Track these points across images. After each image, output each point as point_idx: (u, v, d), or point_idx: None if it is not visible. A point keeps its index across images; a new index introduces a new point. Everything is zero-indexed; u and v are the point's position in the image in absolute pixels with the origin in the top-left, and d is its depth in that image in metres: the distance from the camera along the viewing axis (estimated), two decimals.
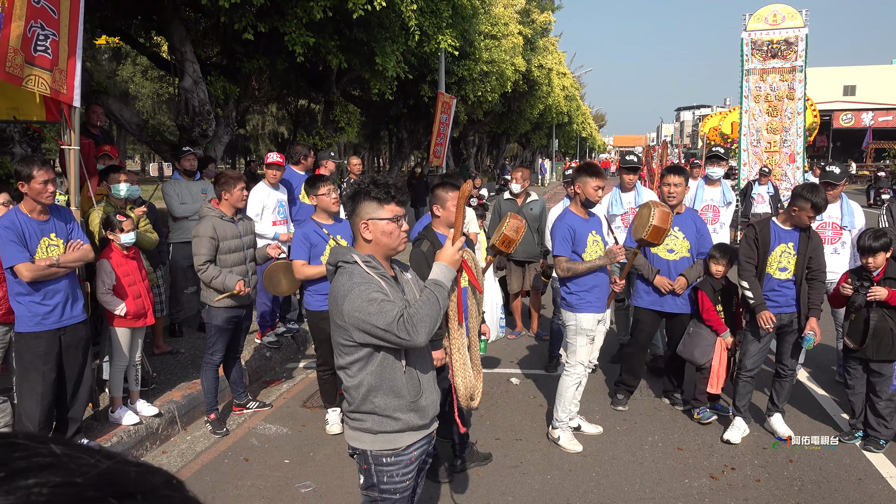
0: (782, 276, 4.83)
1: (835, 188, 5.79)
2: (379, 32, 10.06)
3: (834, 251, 5.80)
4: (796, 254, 4.79)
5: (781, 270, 4.82)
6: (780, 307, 4.85)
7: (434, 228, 4.23)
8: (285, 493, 4.18)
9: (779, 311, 4.85)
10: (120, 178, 5.50)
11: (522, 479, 4.37)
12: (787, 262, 4.82)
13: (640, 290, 5.43)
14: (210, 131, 9.18)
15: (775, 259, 4.82)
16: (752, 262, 4.87)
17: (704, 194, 6.82)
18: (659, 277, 5.28)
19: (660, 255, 5.31)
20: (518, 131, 29.12)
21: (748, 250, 4.89)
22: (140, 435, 4.77)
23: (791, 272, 4.81)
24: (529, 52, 20.42)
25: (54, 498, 0.34)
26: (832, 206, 5.84)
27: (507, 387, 6.10)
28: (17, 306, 4.06)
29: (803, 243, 4.78)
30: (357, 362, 2.53)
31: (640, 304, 5.45)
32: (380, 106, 16.54)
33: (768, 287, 4.84)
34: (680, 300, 5.33)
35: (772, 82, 11.95)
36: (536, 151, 46.67)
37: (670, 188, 5.26)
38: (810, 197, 4.62)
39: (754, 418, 5.14)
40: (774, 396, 5.05)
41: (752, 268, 4.86)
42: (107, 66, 24.00)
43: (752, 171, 11.92)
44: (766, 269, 4.83)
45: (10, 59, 3.96)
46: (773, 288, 4.84)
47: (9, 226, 3.95)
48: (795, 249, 4.80)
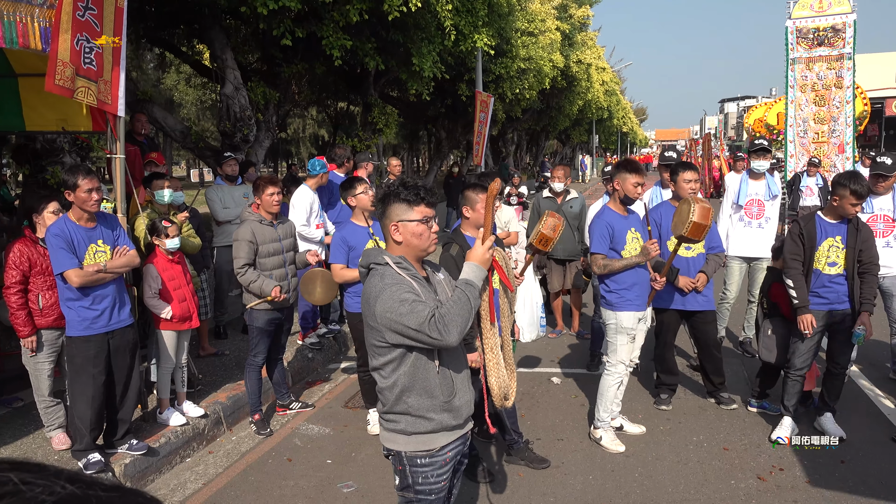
0: (832, 272, 4.67)
1: (886, 180, 5.60)
2: (415, 33, 10.09)
3: (886, 244, 5.59)
4: (845, 247, 4.64)
5: (831, 265, 4.67)
6: (831, 304, 4.70)
7: (463, 231, 4.23)
8: (328, 493, 4.23)
9: (830, 308, 4.70)
10: (163, 184, 5.63)
11: (564, 479, 4.33)
12: (835, 257, 4.66)
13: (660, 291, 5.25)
14: (251, 136, 9.34)
15: (823, 254, 4.68)
16: (798, 260, 4.72)
17: (748, 188, 6.65)
18: (682, 278, 5.18)
19: (679, 254, 5.19)
20: (557, 128, 28.90)
21: (794, 247, 4.75)
22: (187, 435, 4.88)
23: (841, 266, 4.66)
24: (567, 48, 20.23)
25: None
26: (884, 197, 5.66)
27: (548, 386, 6.06)
28: (67, 311, 4.20)
29: (851, 236, 4.63)
30: (390, 363, 2.54)
31: (661, 305, 5.31)
32: (418, 106, 16.60)
33: (818, 283, 4.69)
34: (701, 297, 5.24)
35: (818, 71, 11.59)
36: (576, 148, 46.24)
37: (690, 184, 5.16)
38: (848, 184, 4.49)
39: (804, 417, 5.00)
40: (826, 395, 4.90)
41: (799, 265, 4.72)
42: (152, 74, 24.61)
43: (800, 163, 11.60)
44: (815, 265, 4.69)
45: (60, 72, 4.08)
46: (823, 284, 4.69)
47: (58, 233, 4.08)
48: (844, 243, 4.65)
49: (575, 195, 7.51)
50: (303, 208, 6.49)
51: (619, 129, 50.20)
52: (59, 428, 4.58)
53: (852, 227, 4.65)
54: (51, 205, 4.59)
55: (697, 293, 5.23)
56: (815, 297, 4.71)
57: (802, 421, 4.96)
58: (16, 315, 4.35)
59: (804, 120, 11.81)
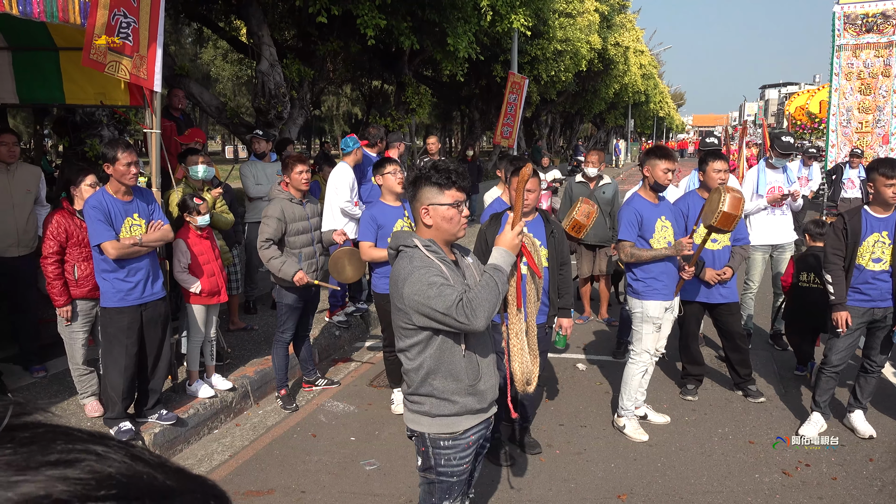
0: (876, 268, 4.53)
1: None
2: (451, 13, 10.02)
3: None
4: (892, 242, 4.51)
5: (875, 261, 4.53)
6: (873, 301, 4.57)
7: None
8: (350, 470, 4.29)
9: (871, 305, 4.58)
10: (197, 160, 5.69)
11: (585, 466, 4.33)
12: (881, 252, 4.52)
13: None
14: (285, 113, 9.39)
15: (867, 249, 4.53)
16: (839, 255, 4.59)
17: (766, 177, 6.51)
18: (708, 270, 5.11)
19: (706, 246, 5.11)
20: (592, 111, 28.56)
21: (835, 241, 4.62)
22: (215, 408, 4.98)
23: (886, 263, 4.52)
24: (605, 30, 19.93)
25: (72, 491, 0.36)
26: None
27: (573, 372, 6.04)
28: (102, 282, 4.29)
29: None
30: (417, 345, 2.56)
31: (685, 297, 5.20)
32: (451, 87, 16.53)
33: (861, 279, 4.55)
34: (724, 290, 5.18)
35: (865, 58, 11.24)
36: (611, 132, 45.65)
37: (720, 174, 5.06)
38: (878, 166, 4.39)
39: (833, 413, 4.92)
40: (858, 392, 4.79)
41: (839, 261, 4.59)
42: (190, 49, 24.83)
43: (841, 153, 11.30)
44: (858, 261, 4.54)
45: (96, 48, 4.14)
46: (866, 280, 4.55)
47: (96, 205, 4.16)
48: (891, 238, 4.51)
49: (608, 180, 7.42)
50: (346, 186, 6.49)
51: (655, 113, 49.40)
52: (93, 395, 4.70)
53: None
54: (88, 177, 4.68)
55: (721, 285, 5.16)
56: (857, 293, 4.59)
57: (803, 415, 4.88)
58: (52, 284, 4.45)
59: (848, 109, 11.49)
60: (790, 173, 6.60)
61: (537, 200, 4.18)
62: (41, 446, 0.37)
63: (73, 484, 0.36)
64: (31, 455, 0.36)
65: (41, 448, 0.37)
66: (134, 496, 0.38)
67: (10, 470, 0.35)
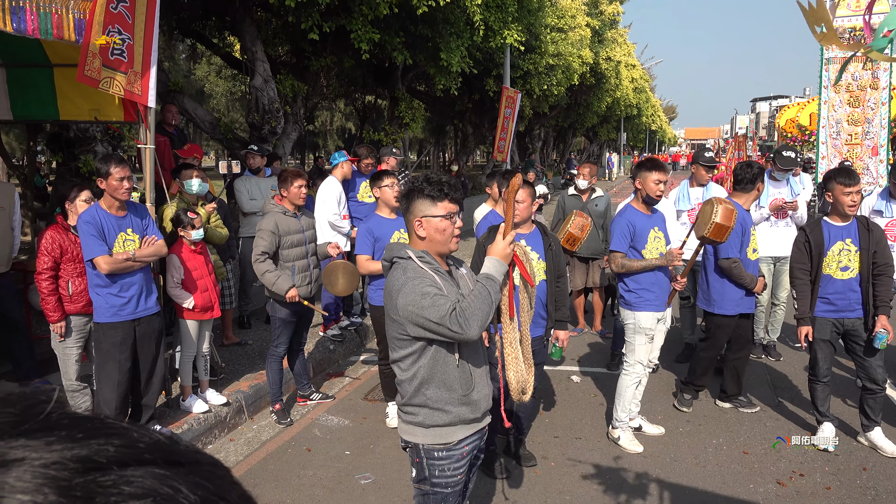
0: (845, 276, 4.55)
1: None
2: (444, 28, 10.10)
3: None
4: (858, 249, 4.53)
5: (843, 270, 4.55)
6: (840, 311, 4.58)
7: None
8: (345, 484, 4.27)
9: (839, 316, 4.58)
10: (192, 174, 5.71)
11: (581, 478, 4.33)
12: (847, 261, 4.53)
13: (724, 297, 5.10)
14: (279, 128, 9.42)
15: (833, 259, 4.55)
16: (803, 269, 4.61)
17: (769, 190, 6.58)
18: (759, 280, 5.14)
19: (749, 258, 5.12)
20: (585, 125, 28.71)
21: (799, 255, 4.64)
22: (209, 423, 4.96)
23: (854, 271, 4.53)
24: (597, 45, 20.08)
25: (118, 454, 0.41)
26: None
27: (567, 384, 6.05)
28: (95, 297, 4.29)
29: (863, 237, 4.50)
30: (410, 356, 2.57)
31: (720, 311, 5.13)
32: (445, 101, 16.60)
33: (831, 290, 4.56)
34: (752, 300, 5.20)
35: (854, 71, 11.37)
36: (604, 145, 45.89)
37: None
38: (835, 175, 4.45)
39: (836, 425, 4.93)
40: (869, 412, 4.66)
41: (804, 275, 4.61)
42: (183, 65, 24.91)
43: (831, 165, 11.38)
44: (825, 271, 4.56)
45: (90, 63, 4.17)
46: (835, 290, 4.56)
47: (90, 220, 4.17)
48: (856, 245, 4.53)
49: (600, 193, 7.47)
50: (333, 199, 6.55)
51: (647, 126, 49.73)
52: (86, 412, 4.67)
53: (862, 227, 4.54)
54: (83, 193, 4.69)
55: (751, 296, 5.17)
56: (826, 303, 4.61)
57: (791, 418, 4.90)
58: (46, 300, 4.45)
59: (837, 121, 11.59)
60: (794, 185, 6.65)
61: (530, 211, 4.21)
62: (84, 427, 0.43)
63: (118, 448, 0.42)
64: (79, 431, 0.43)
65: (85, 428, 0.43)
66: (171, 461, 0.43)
67: (66, 441, 0.41)
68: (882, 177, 11.03)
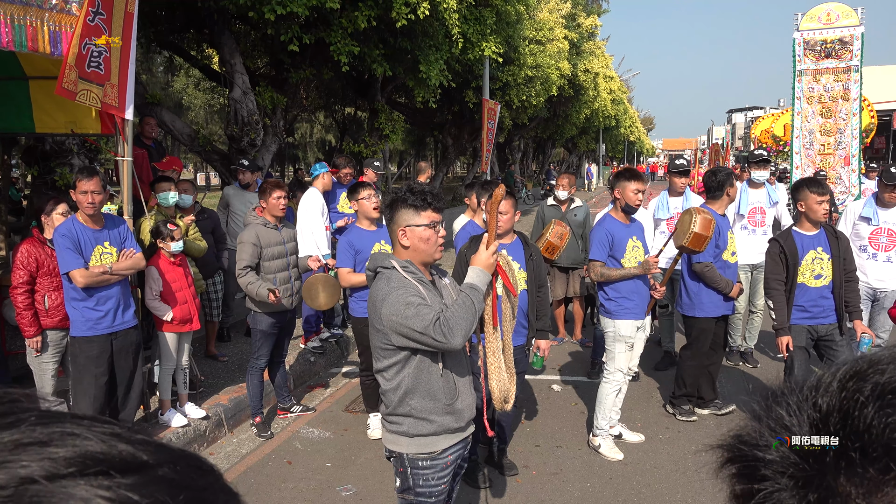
0: (818, 284, 4.64)
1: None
2: (423, 41, 10.15)
3: (888, 259, 5.51)
4: (830, 257, 4.62)
5: (816, 278, 4.64)
6: (814, 318, 4.66)
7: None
8: (327, 496, 4.25)
9: (812, 323, 4.67)
10: (169, 187, 5.67)
11: (562, 486, 4.35)
12: (820, 269, 4.62)
13: (702, 300, 5.17)
14: (258, 140, 9.39)
15: (807, 267, 4.64)
16: (779, 279, 4.68)
17: (749, 197, 6.68)
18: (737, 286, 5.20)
19: (728, 261, 5.20)
20: (564, 136, 28.95)
21: (774, 266, 4.71)
22: (188, 437, 4.91)
23: (827, 278, 4.62)
24: (575, 57, 20.29)
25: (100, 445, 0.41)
26: (891, 211, 5.53)
27: (548, 393, 6.07)
28: (71, 311, 4.24)
29: (833, 245, 4.61)
30: (395, 365, 2.58)
31: (701, 314, 5.19)
32: (424, 113, 16.67)
33: (805, 298, 4.64)
34: (731, 303, 5.27)
35: (826, 83, 11.60)
36: (583, 156, 46.26)
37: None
38: (805, 184, 4.57)
39: None
40: None
41: (780, 285, 4.67)
42: (161, 78, 24.77)
43: (805, 174, 11.59)
44: (800, 279, 4.64)
45: (67, 76, 4.15)
46: (810, 298, 4.64)
47: (66, 234, 4.13)
48: (827, 253, 4.63)
49: (579, 203, 7.53)
50: (316, 210, 6.52)
51: (626, 137, 50.21)
52: None
53: (831, 235, 4.65)
54: (60, 206, 4.65)
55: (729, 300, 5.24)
56: (801, 311, 4.68)
57: None
58: (22, 315, 4.39)
59: (810, 132, 11.81)
60: (772, 192, 6.76)
61: (513, 222, 4.24)
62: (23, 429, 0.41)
63: (54, 462, 0.39)
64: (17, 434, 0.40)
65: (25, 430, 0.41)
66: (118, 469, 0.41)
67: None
68: (854, 185, 11.25)
